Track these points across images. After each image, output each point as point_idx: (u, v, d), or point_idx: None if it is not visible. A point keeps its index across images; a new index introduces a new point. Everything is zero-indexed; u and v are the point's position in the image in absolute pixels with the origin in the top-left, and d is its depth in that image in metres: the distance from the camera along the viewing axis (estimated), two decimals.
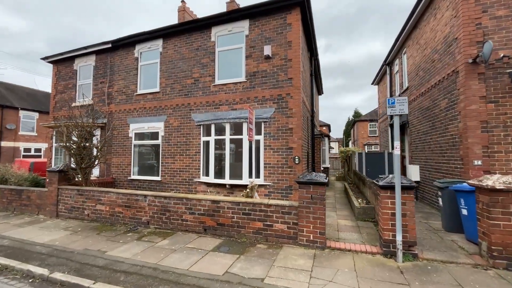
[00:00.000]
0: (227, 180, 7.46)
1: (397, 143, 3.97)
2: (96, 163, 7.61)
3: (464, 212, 4.64)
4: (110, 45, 9.53)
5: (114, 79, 9.71)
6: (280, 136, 7.10)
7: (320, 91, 16.56)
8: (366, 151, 12.03)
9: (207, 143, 8.00)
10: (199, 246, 4.70)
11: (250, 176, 7.03)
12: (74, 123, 7.14)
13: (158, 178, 8.60)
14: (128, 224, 6.12)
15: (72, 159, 7.42)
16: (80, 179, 7.28)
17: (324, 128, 28.85)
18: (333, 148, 38.30)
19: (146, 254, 4.42)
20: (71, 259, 4.32)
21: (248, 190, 5.53)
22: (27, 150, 21.27)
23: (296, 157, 6.87)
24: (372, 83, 16.39)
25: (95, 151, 7.63)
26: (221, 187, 7.61)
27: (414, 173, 8.67)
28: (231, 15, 7.66)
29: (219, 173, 7.77)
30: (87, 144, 7.24)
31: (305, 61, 8.69)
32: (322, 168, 12.20)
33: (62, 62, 10.94)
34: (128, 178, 9.13)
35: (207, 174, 7.90)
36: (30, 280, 3.77)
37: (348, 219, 6.42)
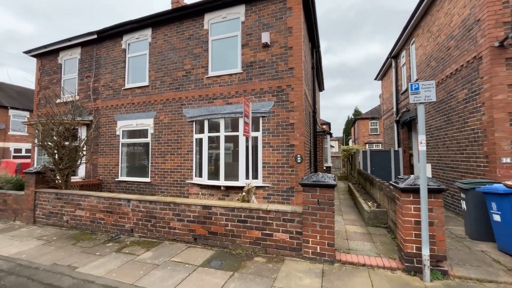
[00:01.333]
0: (222, 182, 6.76)
1: (422, 137, 3.29)
2: (78, 163, 6.91)
3: (497, 218, 3.97)
4: (95, 36, 8.81)
5: (101, 72, 8.99)
6: (280, 132, 6.42)
7: (321, 87, 15.86)
8: (371, 149, 11.37)
9: (200, 141, 7.30)
10: (186, 260, 4.02)
11: (247, 176, 6.34)
12: (51, 120, 6.43)
13: (147, 180, 7.90)
14: (110, 232, 5.44)
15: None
16: (60, 181, 6.58)
17: (324, 126, 28.16)
18: (333, 147, 37.68)
19: (123, 270, 3.73)
20: (34, 277, 3.63)
21: (244, 193, 4.84)
22: (18, 150, 20.54)
23: (298, 155, 6.19)
24: (375, 79, 15.72)
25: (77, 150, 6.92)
26: (216, 189, 6.92)
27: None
28: (226, 0, 6.95)
29: (213, 174, 7.07)
30: (66, 143, 6.53)
31: (307, 51, 8.00)
32: (324, 168, 11.53)
33: (46, 56, 10.21)
34: (116, 179, 8.43)
35: (200, 175, 7.21)
36: None
37: (357, 224, 5.75)
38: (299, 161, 6.18)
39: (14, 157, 20.53)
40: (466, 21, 5.74)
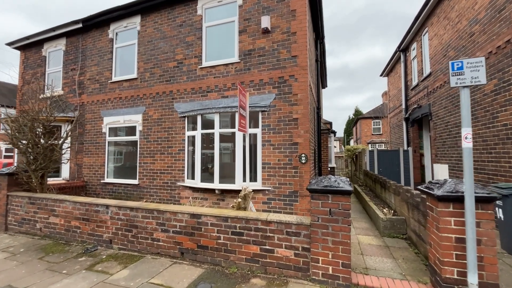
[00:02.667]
0: (216, 184, 6.03)
1: (467, 131, 2.56)
2: (57, 163, 6.19)
3: None
4: (81, 25, 8.09)
5: (86, 65, 8.27)
6: (282, 128, 5.68)
7: (324, 84, 15.11)
8: (378, 149, 10.65)
9: (192, 139, 6.57)
10: (169, 282, 3.29)
11: (245, 179, 5.61)
12: (24, 115, 5.72)
13: (135, 182, 7.17)
14: (87, 243, 4.72)
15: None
16: (34, 183, 5.86)
17: (326, 125, 27.37)
18: (335, 147, 36.95)
19: None
20: None
21: (240, 199, 4.11)
22: (9, 150, 19.82)
23: (303, 154, 5.46)
24: (381, 75, 15.01)
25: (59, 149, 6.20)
26: (210, 193, 6.19)
27: (442, 174, 7.27)
28: None
29: (207, 176, 6.34)
30: (42, 141, 5.81)
31: (311, 41, 7.27)
32: (329, 169, 10.80)
33: (30, 48, 9.49)
34: (102, 181, 7.70)
35: (192, 177, 6.48)
36: None
37: (370, 234, 5.01)
38: (303, 161, 5.45)
39: (6, 157, 19.86)
40: (496, 1, 5.00)
